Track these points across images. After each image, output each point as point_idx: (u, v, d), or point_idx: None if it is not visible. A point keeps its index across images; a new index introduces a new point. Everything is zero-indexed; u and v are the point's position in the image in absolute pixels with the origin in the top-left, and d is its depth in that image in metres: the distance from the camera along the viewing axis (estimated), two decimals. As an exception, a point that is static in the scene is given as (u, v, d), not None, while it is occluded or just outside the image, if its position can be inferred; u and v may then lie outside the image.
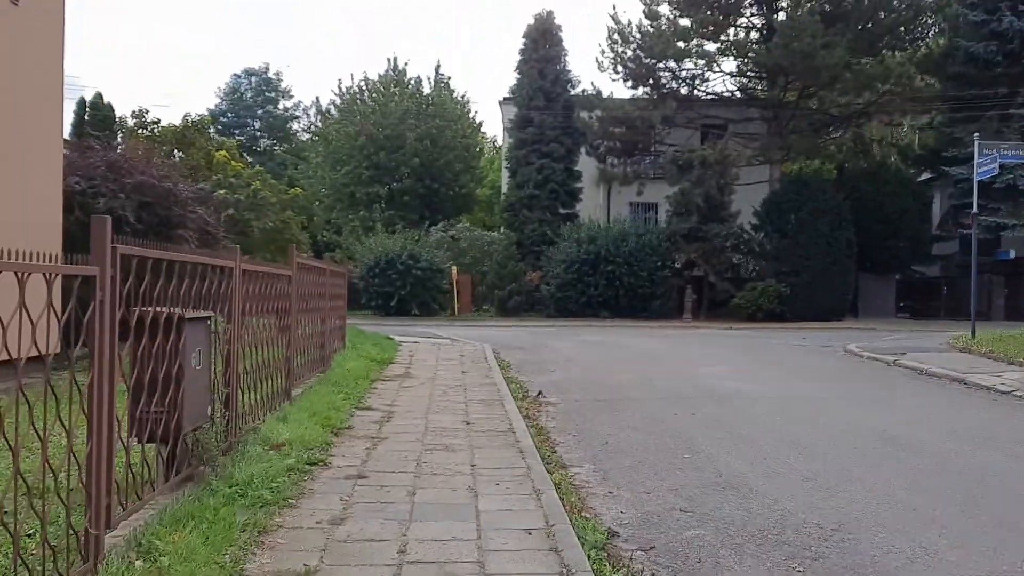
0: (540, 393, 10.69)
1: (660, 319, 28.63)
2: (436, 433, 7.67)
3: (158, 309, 4.66)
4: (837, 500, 5.81)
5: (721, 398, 10.61)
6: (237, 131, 59.62)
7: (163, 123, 32.64)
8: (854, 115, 32.62)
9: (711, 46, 30.83)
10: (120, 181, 13.12)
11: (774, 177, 32.35)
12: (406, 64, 43.97)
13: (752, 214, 29.93)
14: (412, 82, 43.86)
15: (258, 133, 61.42)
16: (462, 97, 46.30)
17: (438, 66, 46.35)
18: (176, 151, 32.89)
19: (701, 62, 30.79)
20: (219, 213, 22.11)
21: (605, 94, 33.27)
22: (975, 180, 18.84)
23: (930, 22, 31.70)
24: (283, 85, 61.20)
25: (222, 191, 29.69)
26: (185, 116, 32.22)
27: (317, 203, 45.07)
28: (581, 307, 29.20)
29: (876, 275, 30.96)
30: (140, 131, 31.92)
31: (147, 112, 31.97)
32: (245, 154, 53.28)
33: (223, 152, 31.91)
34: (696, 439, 7.92)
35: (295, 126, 59.87)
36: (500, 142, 57.69)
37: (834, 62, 27.01)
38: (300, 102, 60.34)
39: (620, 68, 32.29)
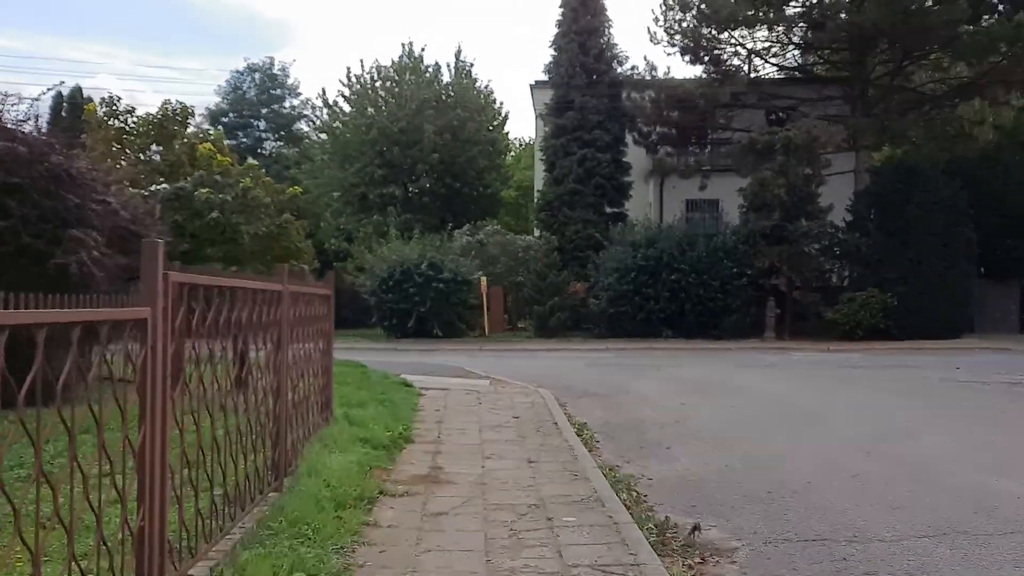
0: (696, 529, 5.53)
1: (736, 338, 23.39)
2: None
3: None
4: None
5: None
6: (240, 132, 55.01)
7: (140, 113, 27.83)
8: (955, 91, 27.32)
9: (790, 9, 25.54)
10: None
11: (861, 167, 26.99)
12: (423, 50, 39.03)
13: (845, 209, 24.62)
14: (430, 69, 38.91)
15: (263, 134, 56.68)
16: (485, 87, 41.31)
17: (459, 52, 41.22)
18: (155, 145, 28.12)
19: (779, 28, 25.50)
20: (155, 207, 17.02)
21: (659, 72, 28.18)
22: None
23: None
24: (290, 81, 56.43)
25: (204, 190, 24.82)
26: (164, 104, 27.32)
27: (326, 207, 40.15)
28: (639, 325, 24.00)
29: (995, 281, 25.50)
30: (110, 122, 27.13)
31: (119, 100, 27.15)
32: (250, 158, 48.75)
33: (207, 145, 27.01)
34: None
35: (304, 126, 54.92)
36: (527, 138, 52.81)
37: (955, 17, 21.73)
38: (308, 99, 55.26)
39: (677, 39, 27.14)
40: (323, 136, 41.48)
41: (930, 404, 11.28)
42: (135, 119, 27.44)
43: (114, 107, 27.35)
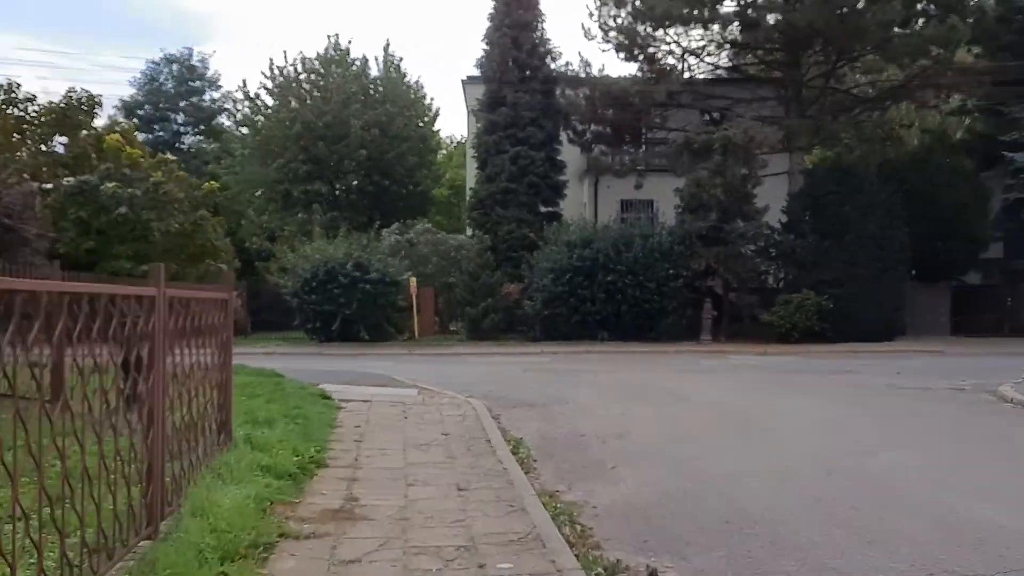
0: (653, 574, 4.71)
1: (672, 340, 22.90)
2: None
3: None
4: None
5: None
6: (157, 126, 52.46)
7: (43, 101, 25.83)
8: (885, 94, 27.48)
9: (724, 7, 25.17)
10: None
11: (795, 168, 26.87)
12: (350, 42, 37.78)
13: (780, 210, 24.40)
14: (357, 63, 37.57)
15: (182, 128, 54.17)
16: (416, 82, 40.17)
17: (387, 45, 40.04)
18: (59, 135, 26.16)
19: (714, 27, 25.11)
20: (35, 200, 15.61)
21: (594, 69, 27.57)
22: None
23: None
24: (210, 73, 54.02)
25: (111, 184, 23.14)
26: (69, 91, 25.44)
27: (248, 204, 38.39)
28: (574, 327, 23.30)
29: (926, 284, 25.63)
30: (9, 110, 25.09)
31: (18, 86, 25.08)
32: (168, 152, 46.50)
33: (115, 136, 25.24)
34: None
35: (225, 121, 52.39)
36: (459, 136, 51.79)
37: (888, 19, 21.65)
38: (229, 92, 52.91)
39: (612, 35, 26.57)
40: (244, 130, 39.68)
41: (881, 414, 10.75)
42: (36, 107, 25.44)
43: (12, 94, 25.30)
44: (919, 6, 24.27)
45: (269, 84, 37.16)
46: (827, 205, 23.08)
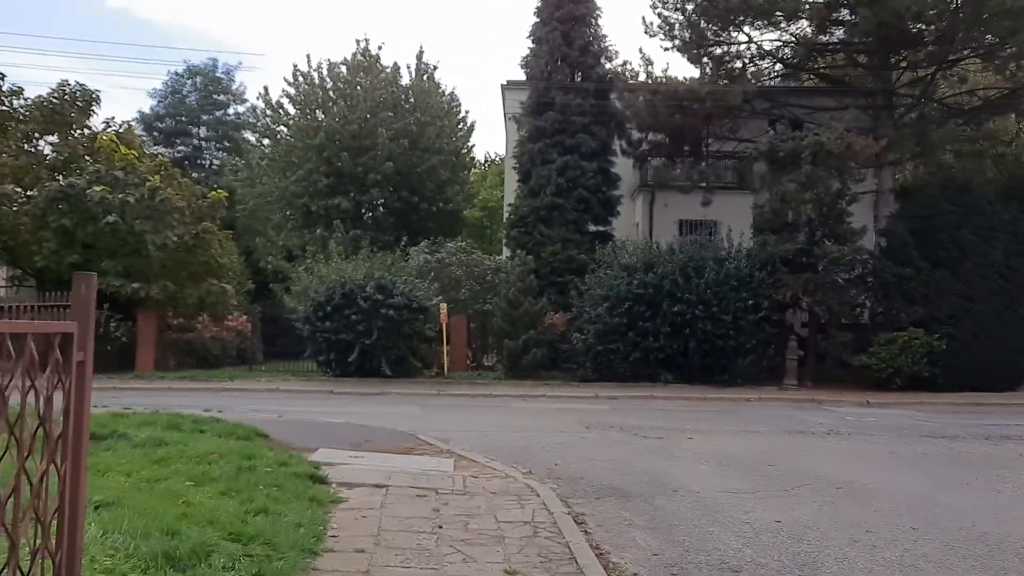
0: None
1: (749, 384, 19.22)
2: None
3: None
4: None
5: None
6: (178, 140, 49.75)
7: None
8: (989, 105, 23.79)
9: (811, -2, 21.69)
10: None
11: (884, 186, 23.16)
12: (380, 48, 34.67)
13: (876, 232, 20.71)
14: (387, 70, 34.48)
15: (203, 143, 51.39)
16: (450, 93, 37.04)
17: (420, 53, 36.98)
18: (49, 135, 23.20)
19: (802, 22, 21.61)
20: None
21: (656, 69, 24.20)
22: None
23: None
24: (235, 87, 51.29)
25: (99, 188, 20.04)
26: (61, 85, 22.48)
27: (266, 220, 35.27)
28: (632, 366, 19.67)
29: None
30: (-9, 104, 22.18)
31: (2, 76, 22.13)
32: (190, 170, 43.70)
33: (109, 134, 22.19)
34: None
35: (250, 136, 48.98)
36: (493, 154, 48.50)
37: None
38: (255, 106, 50.20)
39: (677, 31, 23.18)
40: (265, 141, 36.70)
41: None
42: (23, 102, 22.51)
43: (-6, 86, 22.41)
44: None
45: (292, 92, 34.21)
46: (939, 228, 19.34)
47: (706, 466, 8.94)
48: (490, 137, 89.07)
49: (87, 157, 22.15)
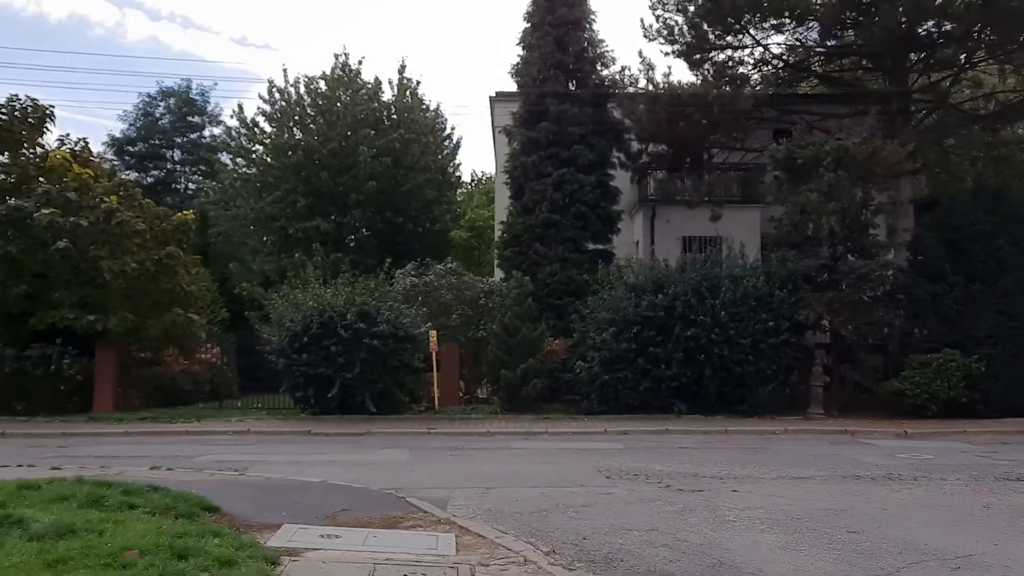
0: None
1: (771, 414, 17.49)
2: None
3: None
4: None
5: None
6: (150, 164, 47.73)
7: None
8: (1009, 111, 22.41)
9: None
10: None
11: (903, 197, 21.59)
12: (360, 63, 32.99)
13: (903, 245, 19.10)
14: (368, 85, 32.79)
15: (178, 167, 49.33)
16: (435, 109, 35.39)
17: (403, 67, 35.34)
18: (-2, 154, 21.22)
19: (811, 21, 20.11)
20: None
21: (658, 74, 22.51)
22: None
23: None
24: (210, 108, 49.30)
25: (47, 212, 18.11)
26: (11, 99, 20.58)
27: (241, 245, 33.36)
28: (642, 396, 17.86)
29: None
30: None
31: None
32: (164, 195, 41.68)
33: (63, 152, 20.29)
34: None
35: (227, 160, 46.67)
36: (480, 172, 46.83)
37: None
38: (231, 128, 48.21)
39: (677, 34, 21.66)
40: (240, 161, 34.82)
41: None
42: (-33, 119, 20.56)
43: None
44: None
45: (268, 108, 32.44)
46: (974, 239, 17.76)
47: (772, 535, 7.11)
48: (476, 156, 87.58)
49: (40, 179, 20.20)
